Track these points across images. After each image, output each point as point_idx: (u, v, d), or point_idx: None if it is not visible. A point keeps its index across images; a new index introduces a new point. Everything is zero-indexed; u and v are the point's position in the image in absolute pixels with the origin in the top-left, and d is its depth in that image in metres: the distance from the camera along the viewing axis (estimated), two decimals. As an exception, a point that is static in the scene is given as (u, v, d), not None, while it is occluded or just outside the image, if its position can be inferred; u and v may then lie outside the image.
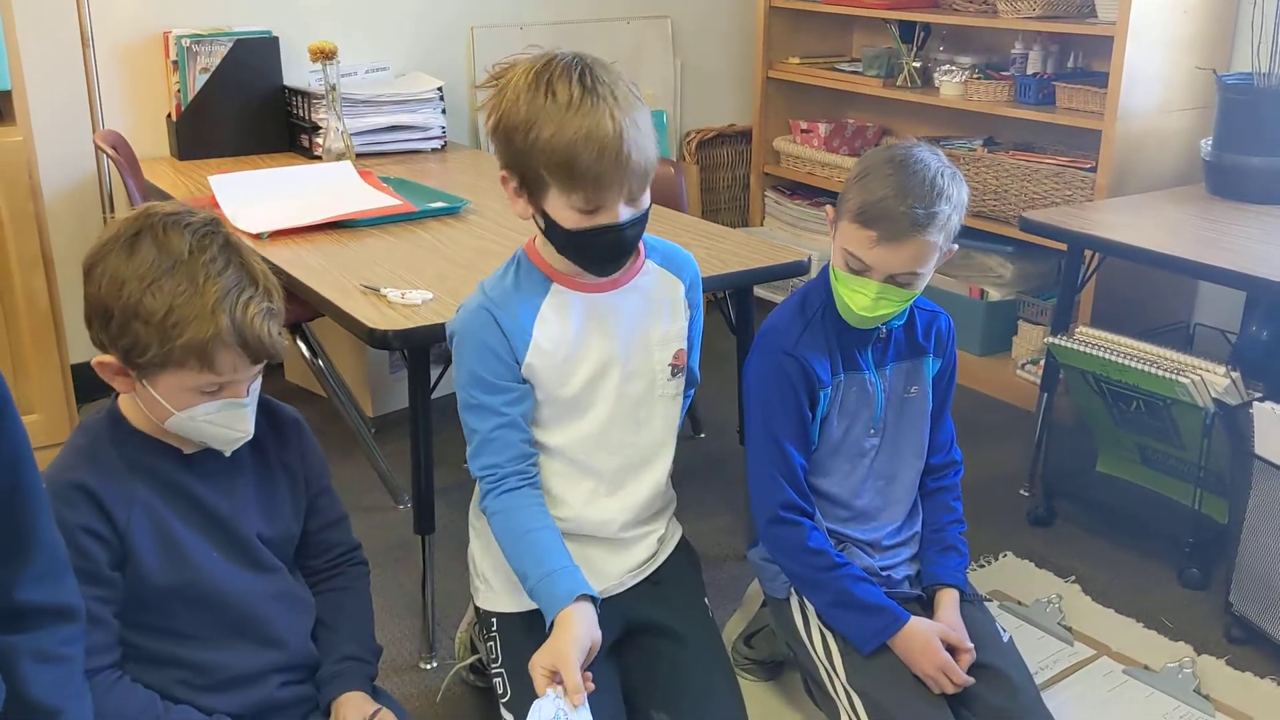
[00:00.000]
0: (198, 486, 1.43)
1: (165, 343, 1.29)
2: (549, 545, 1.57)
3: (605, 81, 1.46)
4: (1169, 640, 2.21)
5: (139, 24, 3.12)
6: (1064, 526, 2.63)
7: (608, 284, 1.62)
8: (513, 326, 1.57)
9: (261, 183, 2.68)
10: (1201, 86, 3.02)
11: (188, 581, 1.41)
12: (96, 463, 1.38)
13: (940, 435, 1.88)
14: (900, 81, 3.65)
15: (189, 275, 1.30)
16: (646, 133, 1.49)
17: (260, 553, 1.48)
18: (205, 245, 1.32)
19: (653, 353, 1.66)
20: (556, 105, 1.43)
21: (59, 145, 3.01)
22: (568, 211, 1.48)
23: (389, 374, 3.13)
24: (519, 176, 1.51)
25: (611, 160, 1.43)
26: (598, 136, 1.42)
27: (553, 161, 1.44)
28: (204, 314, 1.29)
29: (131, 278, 1.30)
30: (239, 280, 1.33)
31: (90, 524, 1.34)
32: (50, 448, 2.78)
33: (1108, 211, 2.72)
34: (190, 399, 1.35)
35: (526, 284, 1.61)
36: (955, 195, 1.64)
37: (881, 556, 1.80)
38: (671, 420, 1.71)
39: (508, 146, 1.49)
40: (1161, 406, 2.39)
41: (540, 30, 3.68)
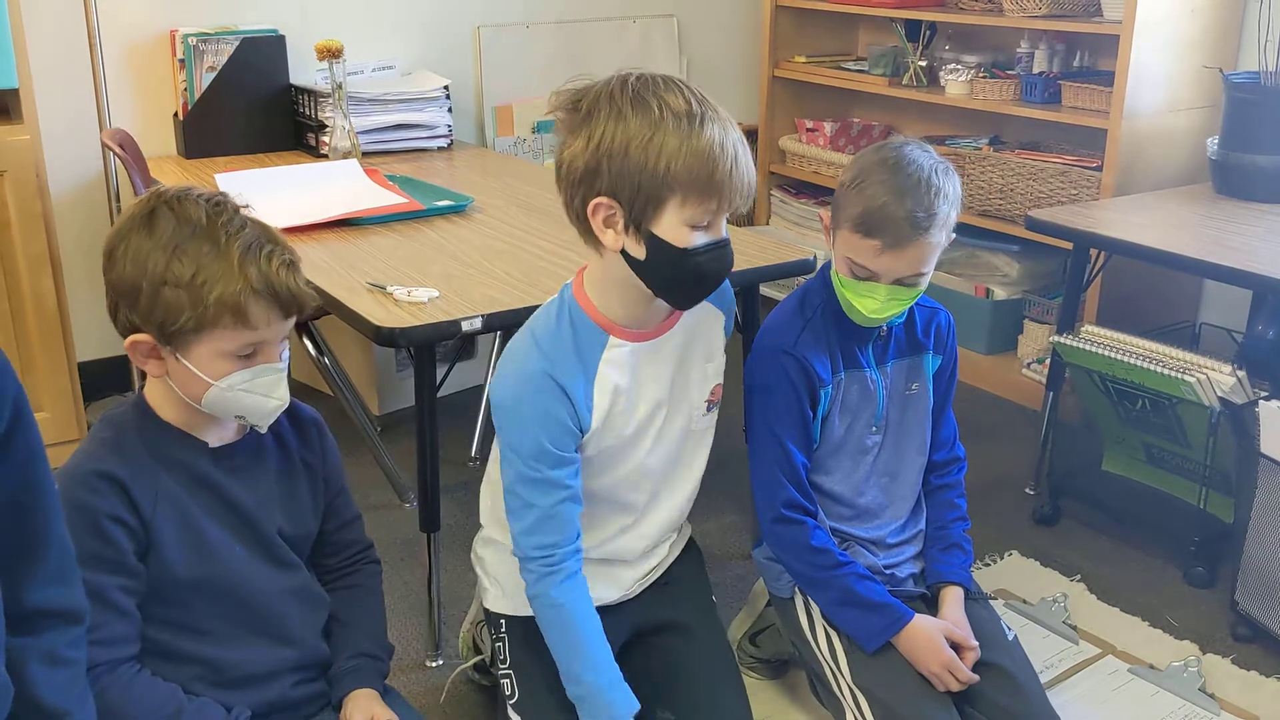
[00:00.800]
0: (223, 480, 1.44)
1: (198, 304, 1.31)
2: (603, 650, 1.55)
3: (702, 96, 1.45)
4: (1174, 639, 2.21)
5: (146, 23, 3.13)
6: (1069, 525, 2.63)
7: (655, 330, 1.57)
8: (577, 391, 1.51)
9: (268, 181, 2.69)
10: (1208, 85, 3.02)
11: (209, 575, 1.42)
12: (123, 453, 1.39)
13: (943, 432, 1.88)
14: (906, 80, 3.64)
15: (210, 237, 1.33)
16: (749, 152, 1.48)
17: (281, 549, 1.49)
18: (220, 210, 1.36)
19: (692, 391, 1.63)
20: (676, 117, 1.39)
21: (66, 144, 3.02)
22: (683, 229, 1.43)
23: (395, 372, 3.14)
24: (626, 198, 1.42)
25: (742, 169, 1.43)
26: (728, 145, 1.41)
27: (685, 171, 1.39)
28: (231, 269, 1.32)
29: (155, 249, 1.32)
30: (258, 236, 1.36)
31: (117, 512, 1.36)
32: (58, 445, 2.82)
33: (1114, 210, 2.72)
34: (226, 366, 1.36)
35: (584, 338, 1.53)
36: (951, 191, 1.64)
37: (885, 555, 1.81)
38: (704, 453, 1.70)
39: (614, 167, 1.41)
40: (1167, 405, 2.39)
41: (546, 29, 3.69)
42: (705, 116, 1.41)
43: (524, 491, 1.53)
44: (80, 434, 2.85)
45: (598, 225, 1.46)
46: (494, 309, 1.94)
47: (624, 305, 1.54)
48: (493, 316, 1.92)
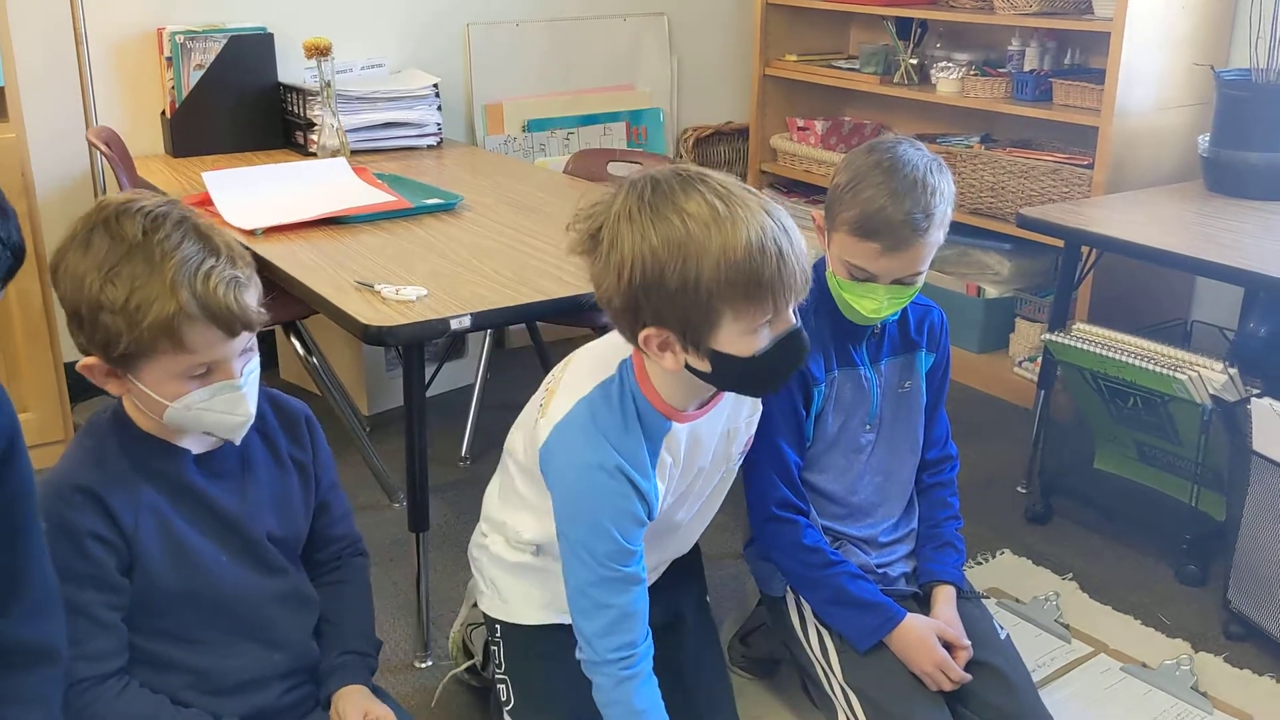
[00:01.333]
0: (208, 488, 1.41)
1: (133, 328, 1.27)
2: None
3: (725, 184, 1.33)
4: (1166, 637, 2.20)
5: (133, 21, 3.11)
6: (1061, 523, 2.62)
7: (708, 405, 1.51)
8: (646, 484, 1.44)
9: (255, 179, 2.67)
10: (1199, 83, 3.01)
11: (196, 585, 1.40)
12: (103, 466, 1.36)
13: (936, 430, 1.87)
14: (897, 78, 3.64)
15: (145, 257, 1.28)
16: (796, 228, 1.37)
17: (270, 554, 1.47)
18: (158, 225, 1.30)
19: (731, 447, 1.60)
20: (703, 227, 1.28)
21: (52, 143, 3.00)
22: (747, 338, 1.33)
23: (385, 372, 3.12)
24: (676, 326, 1.33)
25: (790, 260, 1.31)
26: (767, 241, 1.29)
27: (729, 283, 1.28)
28: (164, 291, 1.27)
29: (90, 270, 1.28)
30: (197, 252, 1.30)
31: (97, 529, 1.33)
32: (44, 446, 2.80)
33: (1105, 208, 2.71)
34: (179, 386, 1.32)
35: (649, 428, 1.45)
36: (946, 188, 1.63)
37: (878, 553, 1.80)
38: (722, 496, 1.69)
39: (654, 299, 1.31)
40: (1159, 403, 2.38)
41: (536, 27, 3.67)
42: (734, 216, 1.29)
43: (600, 594, 1.43)
44: (66, 435, 2.83)
45: (654, 352, 1.38)
46: (483, 307, 1.92)
47: (691, 396, 1.46)
48: (481, 315, 1.91)
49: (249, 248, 1.53)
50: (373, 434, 2.96)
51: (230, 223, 2.40)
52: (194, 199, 2.61)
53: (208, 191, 2.53)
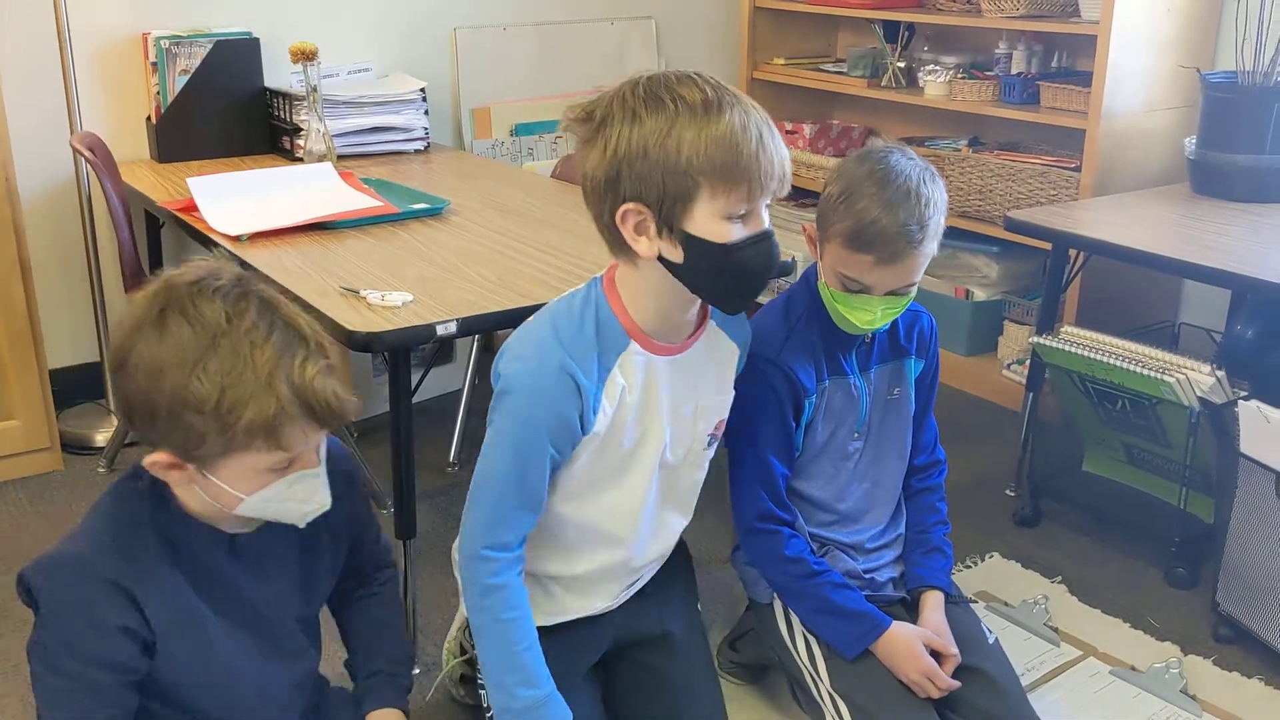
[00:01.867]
0: (238, 574, 1.34)
1: (225, 429, 1.16)
2: (538, 660, 1.51)
3: (719, 84, 1.37)
4: (1156, 640, 2.20)
5: (117, 25, 3.09)
6: (1050, 526, 2.62)
7: (675, 347, 1.52)
8: (589, 387, 1.45)
9: (240, 184, 2.65)
10: (1185, 85, 3.02)
11: (214, 676, 1.34)
12: (136, 558, 1.27)
13: (924, 436, 1.87)
14: (885, 82, 3.64)
15: (233, 348, 1.16)
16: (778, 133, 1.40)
17: (294, 638, 1.42)
18: (242, 310, 1.18)
19: (696, 422, 1.59)
20: (691, 107, 1.33)
21: (36, 148, 2.98)
22: (719, 223, 1.35)
23: (372, 377, 3.11)
24: (654, 200, 1.36)
25: (770, 150, 1.35)
26: (750, 126, 1.34)
27: (707, 160, 1.32)
28: (261, 388, 1.16)
29: (171, 364, 1.15)
30: (288, 341, 1.19)
31: (126, 623, 1.25)
32: (29, 453, 2.78)
33: (1092, 211, 2.72)
34: (260, 480, 1.23)
35: (606, 338, 1.47)
36: (940, 198, 1.63)
37: (865, 559, 1.79)
38: (699, 484, 1.67)
39: (635, 171, 1.35)
40: (1147, 405, 2.38)
41: (523, 31, 3.67)
42: (723, 102, 1.34)
43: (502, 487, 1.46)
44: (51, 442, 2.81)
45: (629, 234, 1.40)
46: (469, 313, 1.91)
47: (658, 314, 1.47)
48: (468, 320, 1.90)
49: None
50: (360, 440, 2.95)
51: (216, 229, 2.39)
52: (178, 204, 2.60)
53: (193, 197, 2.52)
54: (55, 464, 2.83)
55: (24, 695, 2.04)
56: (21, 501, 2.70)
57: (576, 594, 1.63)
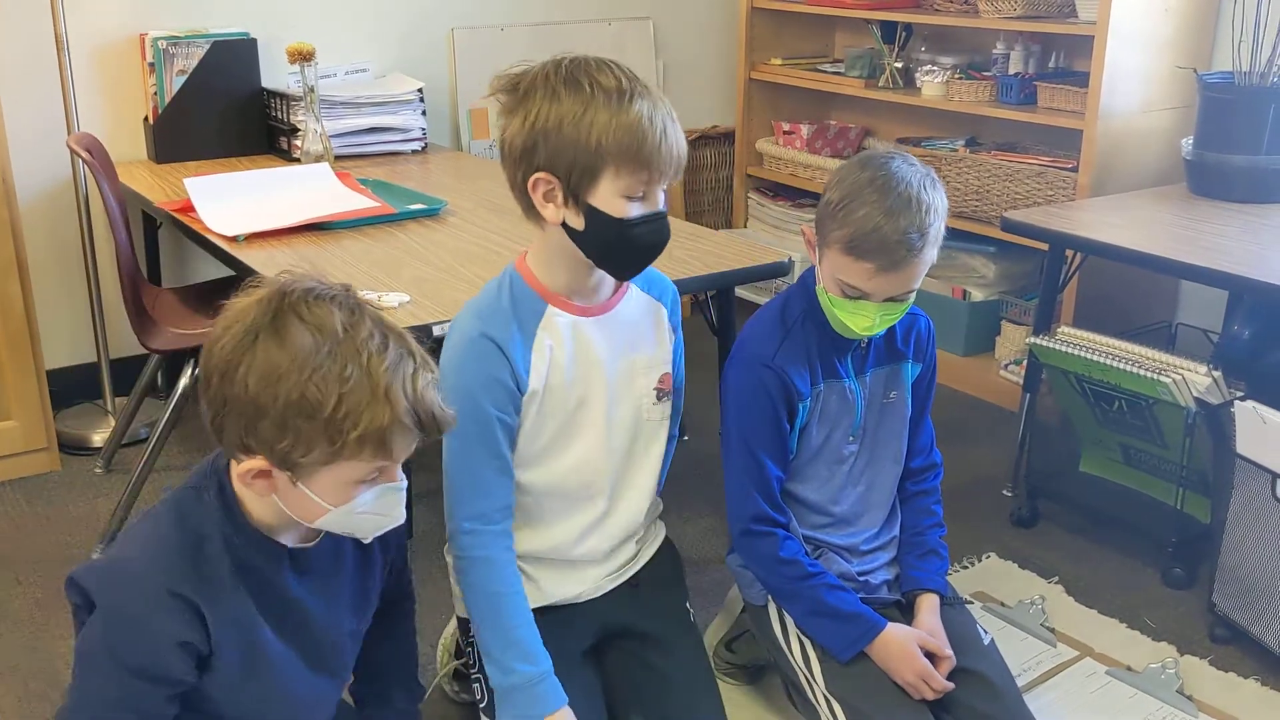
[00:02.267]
0: (298, 589, 1.33)
1: (336, 437, 1.16)
2: (534, 637, 1.55)
3: (632, 75, 1.50)
4: (1152, 640, 2.20)
5: (115, 26, 3.09)
6: (1047, 527, 2.62)
7: (597, 307, 1.60)
8: (514, 351, 1.53)
9: (238, 185, 2.66)
10: (1182, 86, 3.02)
11: (266, 693, 1.34)
12: (201, 569, 1.25)
13: (920, 438, 1.87)
14: (882, 82, 3.64)
15: (352, 357, 1.16)
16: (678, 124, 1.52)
17: (343, 654, 1.42)
18: (357, 321, 1.19)
19: (638, 378, 1.64)
20: (606, 93, 1.46)
21: (33, 149, 2.98)
22: (618, 200, 1.47)
23: (369, 378, 3.11)
24: (563, 172, 1.47)
25: (671, 141, 1.47)
26: (656, 119, 1.46)
27: (615, 144, 1.44)
28: (378, 398, 1.16)
29: (289, 369, 1.15)
30: (400, 354, 1.20)
31: (186, 637, 1.24)
32: (27, 454, 2.78)
33: (1089, 211, 2.72)
34: (351, 492, 1.23)
35: (523, 306, 1.57)
36: (940, 204, 1.63)
37: (860, 562, 1.79)
38: (658, 444, 1.70)
39: (550, 143, 1.46)
40: (1144, 406, 2.39)
41: (521, 32, 3.67)
42: (634, 93, 1.46)
43: (463, 455, 1.55)
44: (49, 443, 2.81)
45: (538, 200, 1.51)
46: (465, 313, 1.91)
47: (566, 277, 1.57)
48: (464, 321, 1.90)
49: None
50: (358, 440, 2.95)
51: (213, 229, 2.39)
52: (175, 205, 2.60)
53: (190, 198, 2.52)
54: (52, 464, 2.83)
55: (20, 695, 2.05)
56: (19, 502, 2.70)
57: (558, 575, 1.64)
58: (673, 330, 1.71)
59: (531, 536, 1.64)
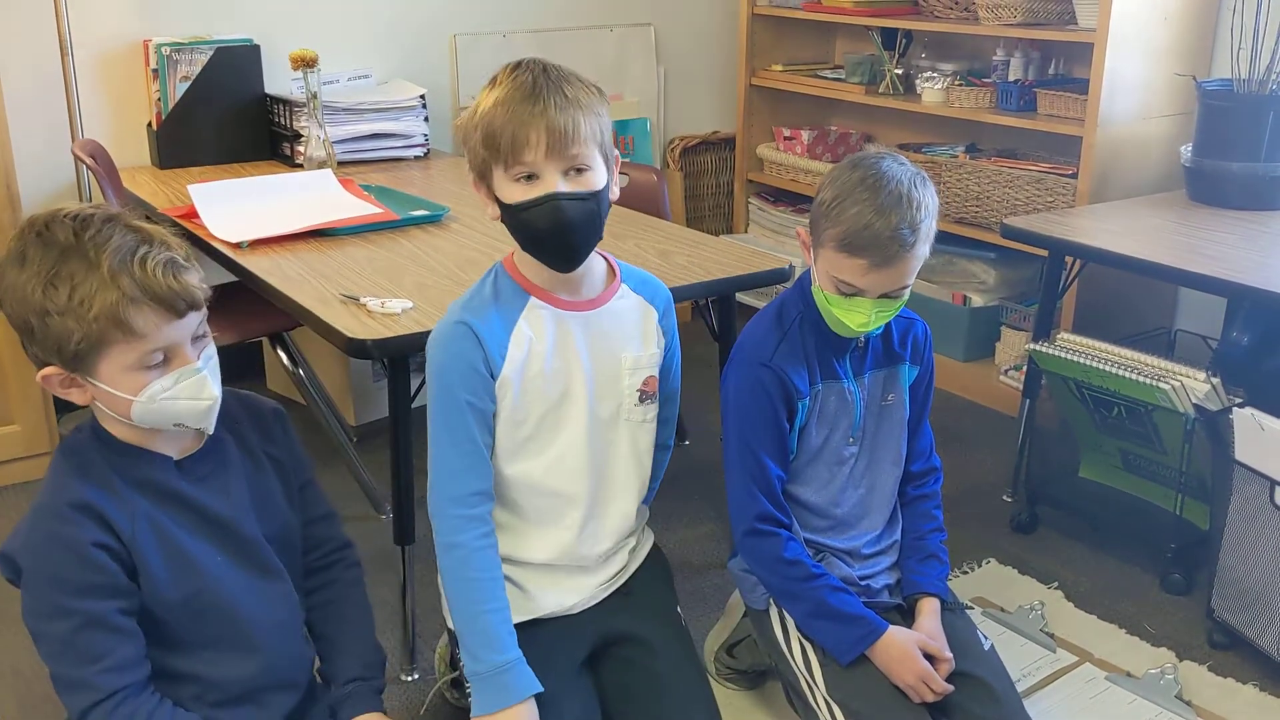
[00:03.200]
0: (194, 492, 1.42)
1: (82, 323, 1.28)
2: (503, 625, 1.57)
3: (544, 64, 1.52)
4: (1151, 646, 2.21)
5: (119, 32, 3.11)
6: (1046, 532, 2.63)
7: (584, 303, 1.62)
8: (490, 336, 1.56)
9: (241, 191, 2.67)
10: (1181, 93, 3.04)
11: (196, 590, 1.40)
12: (90, 479, 1.37)
13: (920, 442, 1.88)
14: (883, 88, 3.65)
15: (80, 255, 1.29)
16: (582, 104, 1.50)
17: (265, 553, 1.47)
18: (87, 225, 1.31)
19: (622, 377, 1.65)
20: (497, 88, 1.51)
21: (37, 155, 3.00)
22: (509, 185, 1.51)
23: (371, 382, 3.12)
24: (475, 168, 1.55)
25: (526, 116, 1.47)
26: (518, 96, 1.48)
27: (482, 132, 1.49)
28: (105, 282, 1.28)
29: (30, 280, 1.29)
30: (131, 242, 1.31)
31: (100, 538, 1.33)
32: (30, 458, 2.79)
33: (1089, 218, 2.73)
34: (139, 379, 1.32)
35: (505, 296, 1.60)
36: (930, 202, 1.64)
37: (861, 565, 1.80)
38: (641, 445, 1.70)
39: (468, 140, 1.54)
40: (1143, 412, 2.39)
41: (523, 38, 3.68)
42: (504, 78, 1.51)
43: (437, 438, 1.57)
44: (51, 447, 2.82)
45: (483, 199, 1.58)
46: (468, 320, 1.92)
47: (535, 270, 1.60)
48: (466, 327, 1.91)
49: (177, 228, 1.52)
50: (360, 444, 2.96)
51: (216, 235, 2.40)
52: (179, 211, 2.61)
53: (193, 204, 2.53)
54: (55, 469, 2.84)
55: (21, 697, 2.05)
56: (21, 506, 2.70)
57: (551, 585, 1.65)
58: (664, 334, 1.71)
59: (521, 543, 1.65)
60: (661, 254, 2.32)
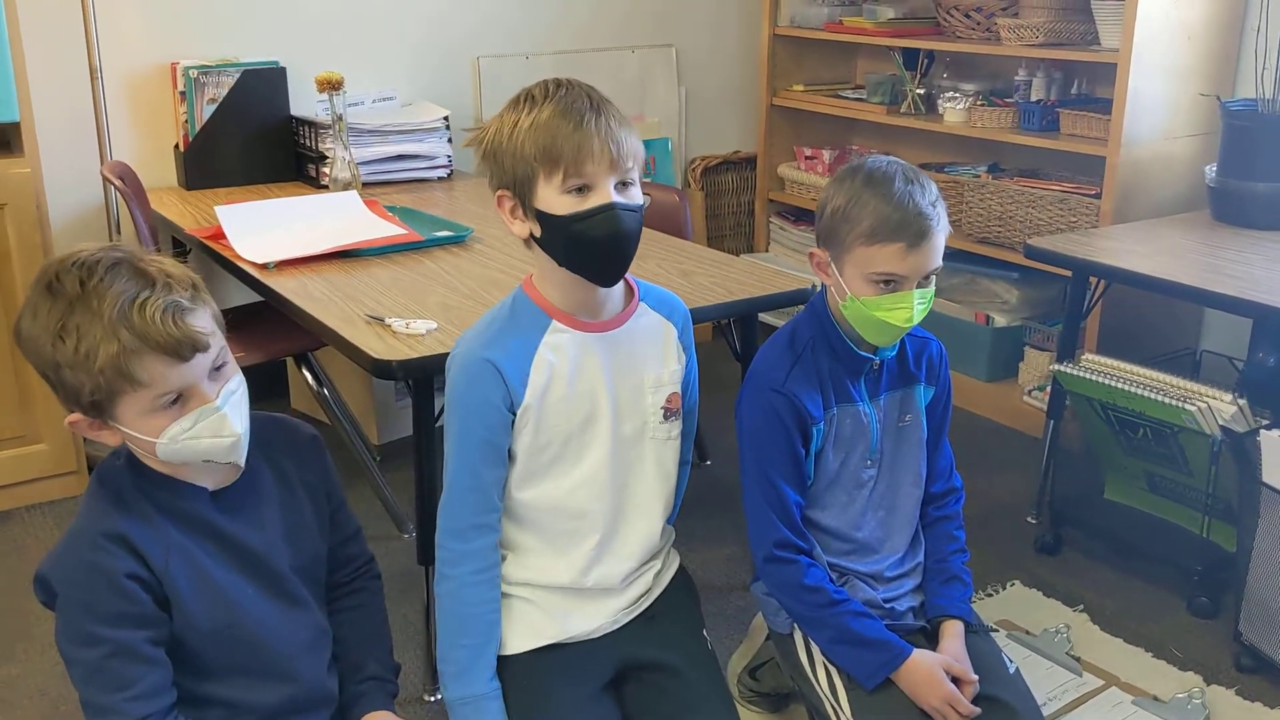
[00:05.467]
0: (227, 524, 1.42)
1: (91, 375, 1.28)
2: (476, 661, 1.60)
3: (583, 86, 1.52)
4: (1178, 670, 2.19)
5: (147, 55, 3.15)
6: (1071, 554, 2.61)
7: (605, 324, 1.61)
8: (510, 368, 1.55)
9: (268, 213, 2.69)
10: (1205, 113, 3.03)
11: (226, 621, 1.41)
12: (125, 509, 1.37)
13: (939, 462, 1.87)
14: (904, 108, 3.66)
15: (85, 307, 1.29)
16: (626, 124, 1.52)
17: (293, 585, 1.48)
18: (92, 273, 1.31)
19: (645, 396, 1.64)
20: (534, 102, 1.50)
21: (67, 176, 3.03)
22: (560, 197, 1.49)
23: (395, 401, 3.13)
24: (510, 183, 1.53)
25: (590, 129, 1.47)
26: (575, 109, 1.48)
27: (536, 144, 1.48)
28: (107, 333, 1.28)
29: (43, 334, 1.30)
30: (130, 288, 1.30)
31: (132, 569, 1.34)
32: (57, 477, 2.82)
33: (1112, 238, 2.72)
34: (158, 421, 1.32)
35: (525, 321, 1.59)
36: (933, 185, 1.68)
37: (884, 588, 1.79)
38: (666, 464, 1.69)
39: (495, 160, 1.53)
40: (1169, 434, 2.38)
41: (546, 60, 3.70)
42: (551, 94, 1.50)
43: (450, 472, 1.58)
44: (78, 467, 2.84)
45: (507, 218, 1.56)
46: (492, 341, 1.93)
47: (562, 292, 1.58)
48: (491, 348, 1.92)
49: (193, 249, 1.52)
50: (383, 464, 2.97)
51: (243, 256, 2.42)
52: (206, 232, 2.63)
53: (220, 225, 2.55)
54: (81, 488, 2.86)
55: (47, 718, 2.07)
56: (48, 525, 2.73)
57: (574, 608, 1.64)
58: (684, 350, 1.71)
59: (543, 566, 1.64)
60: (683, 274, 2.32)
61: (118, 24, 3.07)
